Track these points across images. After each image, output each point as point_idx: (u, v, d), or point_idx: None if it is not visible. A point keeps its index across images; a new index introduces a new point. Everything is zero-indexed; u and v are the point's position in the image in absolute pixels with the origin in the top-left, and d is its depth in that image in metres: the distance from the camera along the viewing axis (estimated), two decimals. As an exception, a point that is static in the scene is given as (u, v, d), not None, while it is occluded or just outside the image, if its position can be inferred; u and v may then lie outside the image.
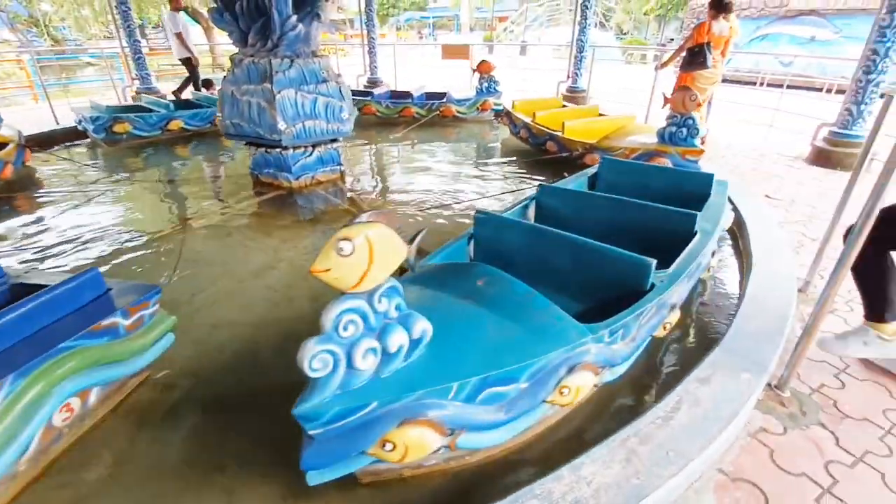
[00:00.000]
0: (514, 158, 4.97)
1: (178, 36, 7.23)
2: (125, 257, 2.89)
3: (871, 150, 2.06)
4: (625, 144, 3.98)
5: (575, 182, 2.96)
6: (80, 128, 5.50)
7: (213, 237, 3.19)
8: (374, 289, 1.17)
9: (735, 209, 3.15)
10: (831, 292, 1.56)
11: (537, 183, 3.07)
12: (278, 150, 3.78)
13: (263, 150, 3.89)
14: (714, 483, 1.43)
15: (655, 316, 1.79)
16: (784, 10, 12.01)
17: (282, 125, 3.53)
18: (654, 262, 1.72)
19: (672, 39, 18.73)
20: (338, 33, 4.18)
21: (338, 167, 4.16)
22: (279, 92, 3.46)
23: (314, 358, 1.12)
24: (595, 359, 1.52)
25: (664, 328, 1.88)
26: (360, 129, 6.21)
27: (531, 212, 2.61)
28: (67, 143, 5.62)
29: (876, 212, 1.43)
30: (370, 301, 1.18)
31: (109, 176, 4.53)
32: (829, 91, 8.90)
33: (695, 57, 4.89)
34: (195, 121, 5.94)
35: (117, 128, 5.34)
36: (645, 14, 26.88)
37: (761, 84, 9.69)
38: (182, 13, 7.53)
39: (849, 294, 2.39)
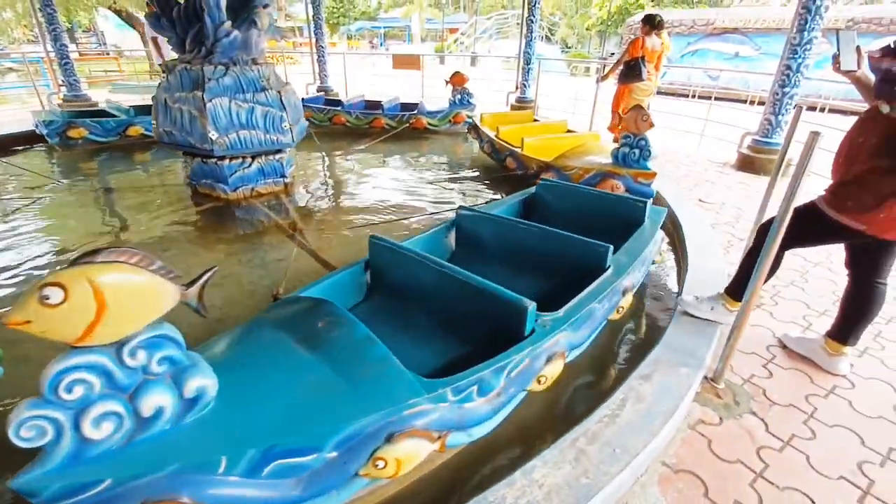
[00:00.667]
0: (478, 174, 4.89)
1: (154, 41, 7.08)
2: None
3: (786, 155, 2.25)
4: (579, 164, 3.77)
5: (509, 203, 2.79)
6: (37, 132, 5.40)
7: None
8: (124, 340, 0.99)
9: (672, 213, 3.34)
10: (756, 287, 1.67)
11: (484, 201, 3.10)
12: (214, 160, 3.63)
13: (200, 159, 3.73)
14: (658, 476, 1.48)
15: (530, 367, 1.55)
16: (710, 28, 12.98)
17: (213, 134, 3.40)
18: (532, 305, 1.52)
19: (613, 53, 19.71)
20: (284, 40, 4.05)
21: (281, 179, 4.02)
22: (210, 100, 3.34)
23: (22, 426, 0.91)
24: (431, 423, 1.26)
25: (538, 381, 1.61)
26: (328, 140, 6.20)
27: (451, 236, 2.46)
28: (21, 147, 5.56)
29: (791, 211, 1.55)
30: (117, 355, 0.99)
31: (45, 184, 4.28)
32: (752, 103, 9.67)
33: (630, 70, 5.19)
34: None
35: (72, 132, 5.25)
36: (587, 29, 28.19)
37: (693, 96, 10.38)
38: None
39: (773, 289, 2.58)
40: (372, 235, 1.99)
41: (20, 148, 5.56)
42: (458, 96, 6.61)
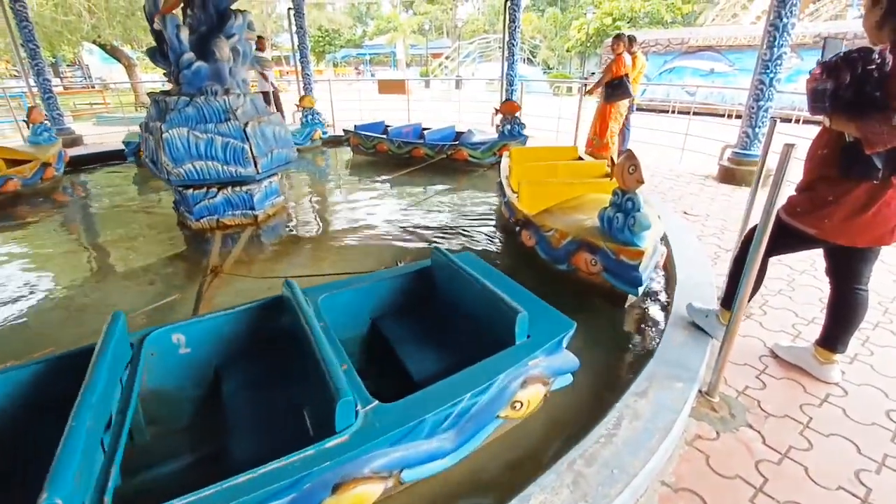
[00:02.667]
0: (490, 220, 4.10)
1: (262, 74, 7.85)
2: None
3: (764, 166, 2.30)
4: (558, 225, 2.77)
5: (408, 273, 2.11)
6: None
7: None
8: None
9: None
10: (744, 297, 1.68)
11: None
12: (181, 189, 3.69)
13: (174, 188, 3.80)
14: (658, 496, 1.45)
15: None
16: (685, 47, 13.45)
17: (168, 164, 3.41)
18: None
19: (593, 73, 20.29)
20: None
21: (250, 212, 3.88)
22: (168, 130, 3.36)
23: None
24: None
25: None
26: (357, 169, 6.27)
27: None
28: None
29: (772, 220, 1.58)
30: None
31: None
32: (729, 116, 9.96)
33: (615, 89, 5.34)
34: None
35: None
36: (567, 51, 29.06)
37: (672, 112, 10.67)
38: (264, 53, 7.95)
39: (762, 298, 2.60)
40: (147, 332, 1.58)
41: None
42: (508, 126, 5.80)
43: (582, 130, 5.90)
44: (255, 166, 3.62)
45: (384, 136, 6.32)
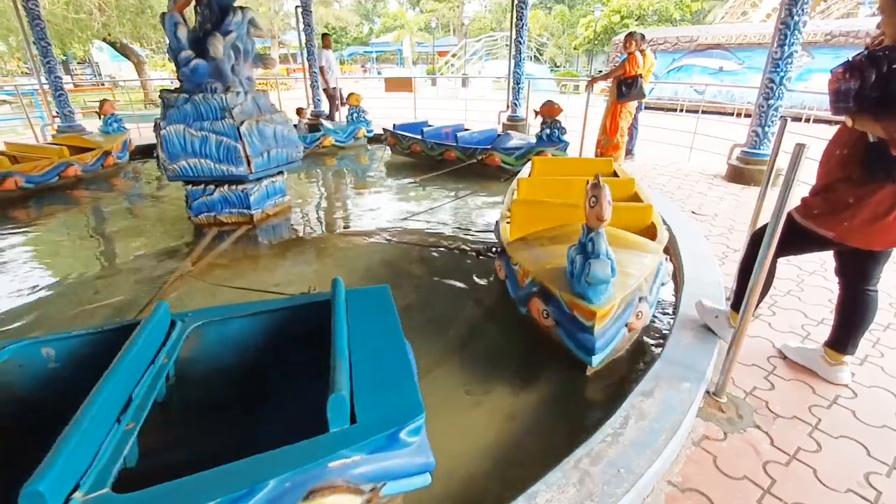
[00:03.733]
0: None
1: (321, 69, 8.26)
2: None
3: (774, 166, 2.28)
4: (524, 259, 2.31)
5: (302, 305, 1.72)
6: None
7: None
8: None
9: (667, 226, 3.35)
10: (752, 298, 1.67)
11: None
12: (184, 185, 3.81)
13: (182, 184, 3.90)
14: (665, 496, 1.45)
15: None
16: (694, 45, 13.33)
17: (165, 160, 3.52)
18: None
19: (601, 71, 20.19)
20: (268, 68, 4.06)
21: (246, 211, 3.89)
22: (165, 127, 3.46)
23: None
24: None
25: None
26: (390, 170, 6.19)
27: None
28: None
29: (782, 220, 1.57)
30: None
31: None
32: (738, 115, 9.86)
33: (629, 88, 5.31)
34: None
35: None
36: (574, 49, 28.91)
37: (681, 110, 10.58)
38: (329, 50, 8.39)
39: (771, 299, 2.58)
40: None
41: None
42: (548, 131, 5.28)
43: (589, 129, 5.87)
44: (249, 166, 3.61)
45: (418, 137, 6.10)
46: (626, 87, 5.27)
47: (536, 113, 5.41)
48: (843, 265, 1.88)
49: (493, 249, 2.81)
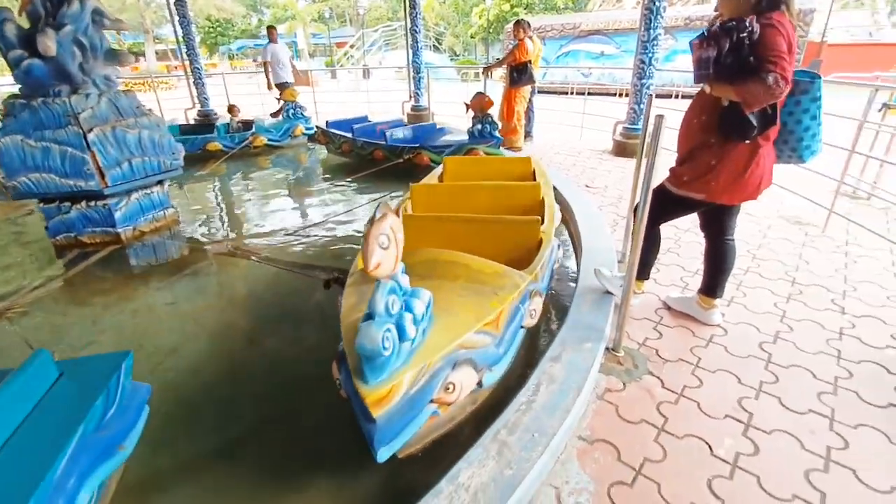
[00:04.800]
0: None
1: (265, 65, 7.72)
2: None
3: (646, 138, 2.52)
4: (347, 301, 1.75)
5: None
6: None
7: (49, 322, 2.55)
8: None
9: (564, 200, 3.57)
10: (633, 261, 1.84)
11: None
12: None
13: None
14: (576, 450, 1.55)
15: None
16: (578, 31, 14.29)
17: (2, 176, 3.08)
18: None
19: (497, 58, 20.89)
20: (122, 67, 3.47)
21: (111, 228, 3.41)
22: (2, 139, 3.00)
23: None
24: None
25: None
26: (317, 171, 5.61)
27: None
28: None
29: (650, 187, 1.73)
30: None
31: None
32: (621, 95, 10.76)
33: (520, 74, 5.53)
34: None
35: None
36: (472, 37, 29.57)
37: (570, 93, 11.30)
38: (275, 44, 7.75)
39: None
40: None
41: None
42: (479, 126, 4.84)
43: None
44: (102, 179, 3.17)
45: (348, 136, 5.60)
46: (517, 73, 5.50)
47: (467, 107, 5.02)
48: (706, 221, 2.14)
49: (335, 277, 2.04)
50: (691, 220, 3.34)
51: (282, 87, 7.59)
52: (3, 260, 3.38)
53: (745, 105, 1.67)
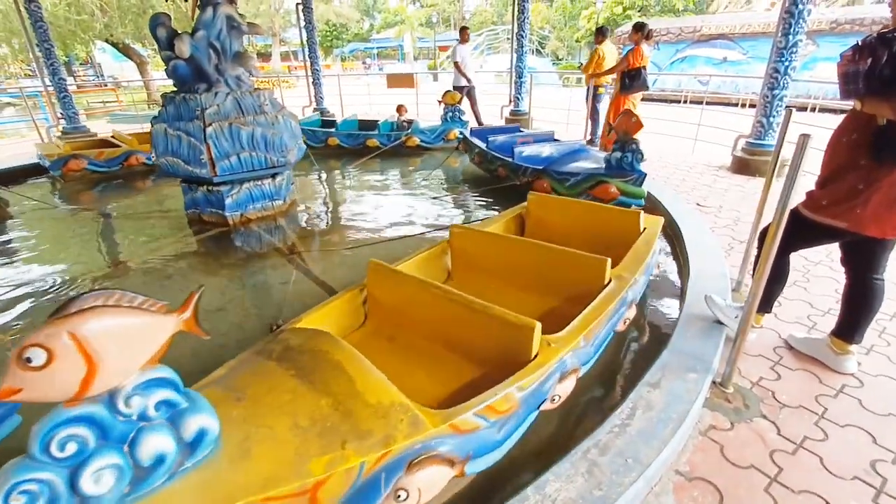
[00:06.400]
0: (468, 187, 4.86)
1: (456, 65, 7.59)
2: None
3: (779, 157, 2.28)
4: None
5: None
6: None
7: (151, 279, 3.03)
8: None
9: (671, 218, 3.35)
10: (757, 290, 1.68)
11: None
12: (205, 186, 3.88)
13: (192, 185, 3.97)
14: (673, 485, 1.47)
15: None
16: (698, 35, 13.22)
17: (154, 156, 3.76)
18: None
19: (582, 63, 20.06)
20: (254, 67, 3.86)
21: (220, 212, 3.81)
22: (153, 125, 3.65)
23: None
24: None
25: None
26: (441, 180, 5.40)
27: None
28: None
29: (787, 211, 1.57)
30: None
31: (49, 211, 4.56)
32: (743, 106, 9.79)
33: (633, 80, 5.29)
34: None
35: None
36: (577, 41, 28.70)
37: (685, 101, 10.51)
38: (465, 45, 7.66)
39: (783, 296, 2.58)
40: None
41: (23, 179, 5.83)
42: (618, 154, 3.87)
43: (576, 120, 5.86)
44: (213, 168, 3.52)
45: (483, 145, 5.13)
46: (629, 78, 5.25)
47: (611, 128, 4.15)
48: (849, 254, 1.89)
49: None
50: (826, 251, 2.97)
51: (457, 91, 7.18)
52: (149, 223, 4.17)
53: None
